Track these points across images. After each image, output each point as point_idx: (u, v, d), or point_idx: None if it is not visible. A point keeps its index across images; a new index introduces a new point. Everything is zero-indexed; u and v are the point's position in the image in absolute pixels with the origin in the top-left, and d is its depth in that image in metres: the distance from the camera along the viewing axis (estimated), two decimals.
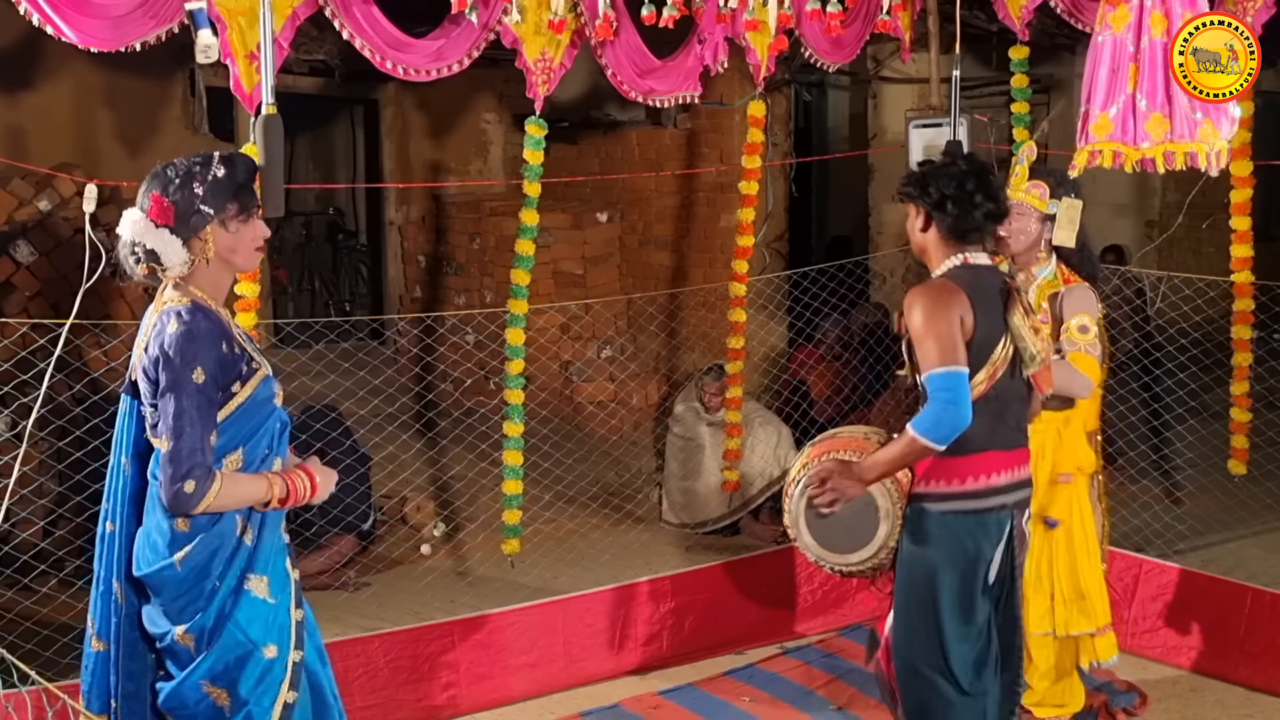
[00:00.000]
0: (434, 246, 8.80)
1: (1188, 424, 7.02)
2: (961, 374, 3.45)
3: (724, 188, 8.09)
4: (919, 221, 3.66)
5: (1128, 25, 4.25)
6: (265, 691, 3.00)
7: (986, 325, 3.54)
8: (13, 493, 4.07)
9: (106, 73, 6.73)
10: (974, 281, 3.58)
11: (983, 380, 3.54)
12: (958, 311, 3.49)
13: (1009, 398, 3.63)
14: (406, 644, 4.81)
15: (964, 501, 3.58)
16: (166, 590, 2.97)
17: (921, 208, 3.64)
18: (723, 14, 5.39)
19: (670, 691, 5.05)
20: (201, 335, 2.90)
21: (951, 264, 3.63)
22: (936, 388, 3.45)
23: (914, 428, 3.46)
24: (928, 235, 3.66)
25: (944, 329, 3.46)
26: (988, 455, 3.59)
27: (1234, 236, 5.71)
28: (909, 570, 3.65)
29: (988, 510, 3.60)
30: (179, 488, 2.85)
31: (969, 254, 3.63)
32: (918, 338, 3.51)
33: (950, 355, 3.45)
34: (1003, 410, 3.61)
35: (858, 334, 7.78)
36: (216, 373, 2.91)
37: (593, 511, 7.02)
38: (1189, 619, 5.20)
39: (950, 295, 3.53)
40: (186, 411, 2.86)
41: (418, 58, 4.77)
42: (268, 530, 3.06)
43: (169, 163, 3.01)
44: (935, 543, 3.59)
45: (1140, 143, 4.26)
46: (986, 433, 3.56)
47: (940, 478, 3.58)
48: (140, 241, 2.96)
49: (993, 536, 3.62)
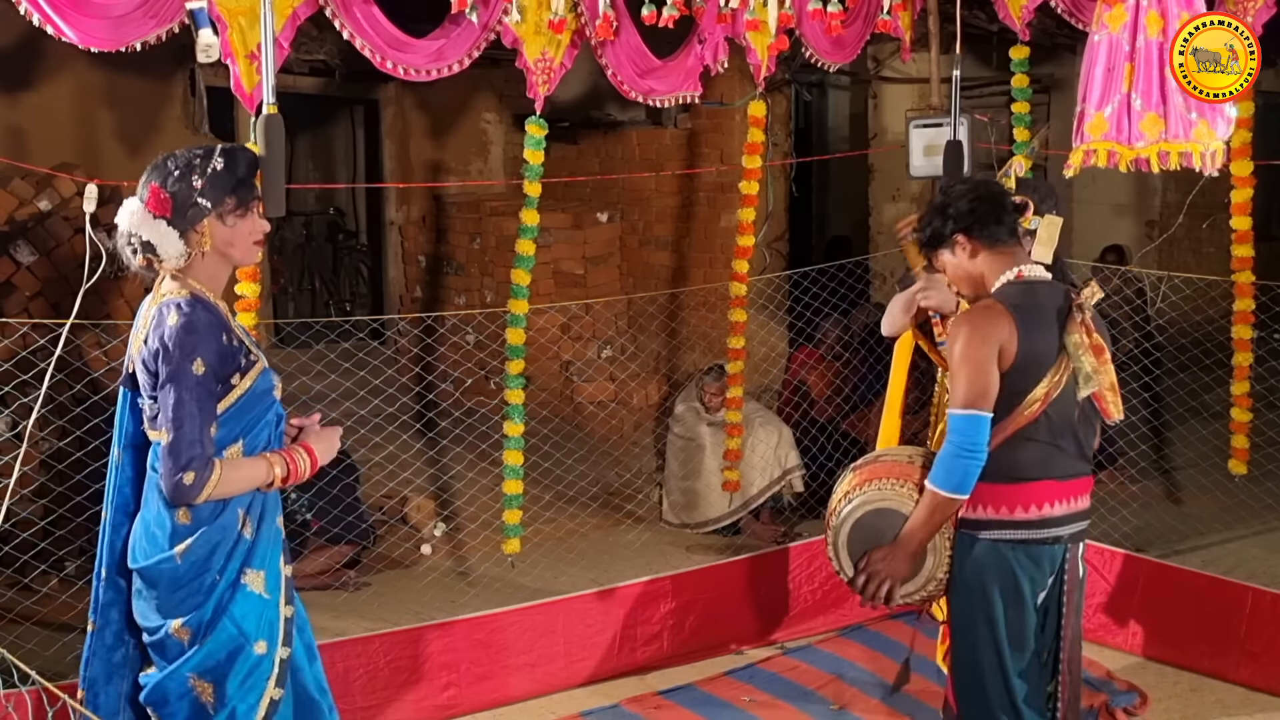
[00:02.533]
0: (434, 246, 8.80)
1: (1188, 424, 7.03)
2: (983, 420, 3.29)
3: (724, 188, 8.09)
4: (965, 250, 3.47)
5: (1124, 25, 4.25)
6: (252, 687, 3.00)
7: (1036, 344, 3.35)
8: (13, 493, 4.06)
9: (106, 73, 6.73)
10: (1026, 300, 3.40)
11: (1038, 400, 3.35)
12: (996, 341, 3.32)
13: (1069, 422, 3.42)
14: (406, 644, 4.81)
15: (1015, 531, 3.39)
16: (164, 584, 2.97)
17: (959, 235, 3.47)
18: (723, 14, 5.39)
19: (670, 691, 5.05)
20: (201, 327, 2.90)
21: (1006, 278, 3.45)
22: (955, 429, 3.31)
23: (931, 483, 3.34)
24: (978, 260, 3.47)
25: (976, 366, 3.30)
26: (1042, 484, 3.39)
27: (1234, 236, 5.71)
28: (963, 602, 3.47)
29: (1040, 542, 3.40)
30: (179, 479, 2.85)
31: (1022, 265, 3.47)
32: (953, 367, 3.36)
33: (976, 398, 3.29)
34: (1060, 436, 3.40)
35: (858, 334, 7.77)
36: (216, 364, 2.91)
37: (593, 511, 7.02)
38: (1189, 619, 5.20)
39: (992, 325, 3.34)
40: (186, 403, 2.86)
41: (418, 58, 4.77)
42: (266, 524, 3.06)
43: (170, 154, 3.01)
44: (985, 571, 3.41)
45: (1135, 142, 4.26)
46: (1042, 460, 3.39)
47: (990, 504, 3.39)
48: (137, 232, 2.96)
49: (1045, 569, 3.43)
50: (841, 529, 3.54)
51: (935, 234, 3.52)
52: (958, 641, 3.53)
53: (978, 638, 3.44)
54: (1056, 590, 3.47)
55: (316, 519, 6.05)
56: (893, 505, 3.48)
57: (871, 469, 3.61)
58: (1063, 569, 3.46)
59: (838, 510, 3.57)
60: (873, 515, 3.50)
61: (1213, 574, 5.47)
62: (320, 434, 3.17)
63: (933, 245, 3.54)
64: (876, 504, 3.50)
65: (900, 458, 3.63)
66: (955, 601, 3.51)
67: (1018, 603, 3.41)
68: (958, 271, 3.53)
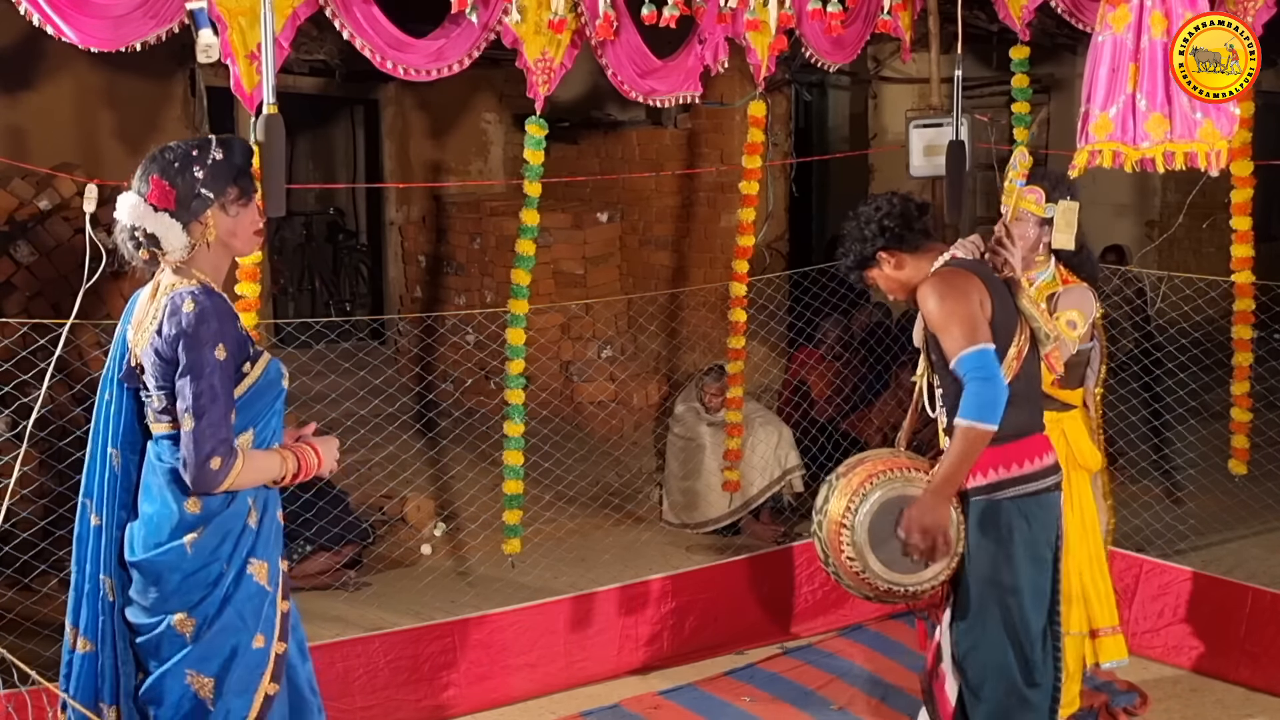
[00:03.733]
0: (434, 246, 8.80)
1: (1188, 424, 7.02)
2: (990, 350, 3.42)
3: (724, 188, 8.09)
4: (891, 264, 3.66)
5: (1128, 25, 4.25)
6: (248, 682, 3.00)
7: (1002, 309, 3.54)
8: (13, 493, 4.06)
9: (106, 73, 6.73)
10: (977, 268, 3.59)
11: (1012, 362, 3.53)
12: (975, 294, 3.48)
13: (1036, 379, 3.66)
14: (406, 644, 4.81)
15: (1027, 485, 3.54)
16: (168, 575, 2.94)
17: (881, 252, 3.65)
18: (723, 14, 5.39)
19: (670, 691, 5.05)
20: (220, 314, 2.92)
21: (944, 258, 3.63)
22: (969, 368, 3.41)
23: (964, 417, 3.40)
24: (905, 268, 3.65)
25: (965, 310, 3.44)
26: (1036, 438, 3.61)
27: (1234, 236, 5.71)
28: (988, 568, 3.53)
29: (1047, 490, 3.59)
30: (205, 466, 2.85)
31: (945, 254, 3.63)
32: (939, 325, 3.46)
33: (976, 334, 3.43)
34: (1032, 393, 3.63)
35: (858, 334, 7.78)
36: (235, 351, 2.93)
37: (593, 511, 7.02)
38: (1189, 619, 5.20)
39: (964, 279, 3.51)
40: (209, 389, 2.86)
41: (418, 58, 4.77)
42: (269, 516, 3.07)
43: (166, 146, 3.00)
44: (1014, 532, 3.51)
45: (1140, 143, 4.25)
46: (1028, 416, 3.59)
47: (1003, 464, 3.52)
48: (140, 225, 2.95)
49: (1054, 517, 3.62)
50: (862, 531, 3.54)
51: (860, 258, 3.70)
52: (970, 605, 3.57)
53: (995, 596, 3.52)
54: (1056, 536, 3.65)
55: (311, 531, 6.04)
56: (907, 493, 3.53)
57: (872, 465, 3.62)
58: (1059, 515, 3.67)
59: (851, 508, 3.55)
60: (887, 507, 3.54)
61: (1213, 574, 5.47)
62: (324, 440, 3.17)
63: (861, 268, 3.73)
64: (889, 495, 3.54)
65: (883, 454, 3.72)
66: (976, 568, 3.54)
67: (1041, 558, 3.56)
68: (890, 283, 3.71)
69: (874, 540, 3.54)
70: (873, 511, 3.54)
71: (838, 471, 3.70)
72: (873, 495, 3.55)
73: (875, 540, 3.54)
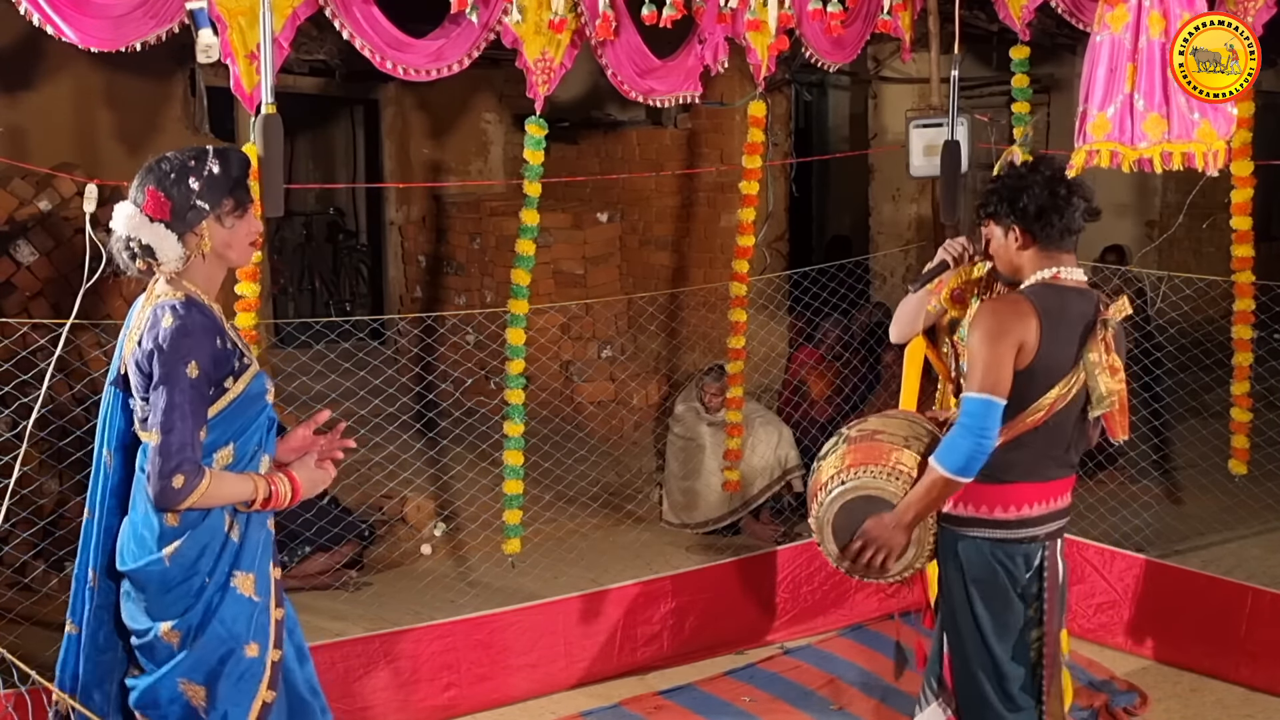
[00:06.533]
0: (434, 246, 8.80)
1: (1188, 424, 7.02)
2: (997, 406, 3.28)
3: (724, 188, 8.09)
4: (1015, 240, 3.46)
5: (1126, 25, 4.25)
6: (244, 691, 3.00)
7: (1055, 353, 3.36)
8: (13, 493, 4.06)
9: (106, 73, 6.72)
10: (1055, 304, 3.39)
11: (1043, 409, 3.36)
12: (1018, 336, 3.32)
13: (1065, 431, 3.45)
14: (406, 644, 4.81)
15: (994, 530, 3.44)
16: (153, 586, 2.96)
17: (1015, 225, 3.44)
18: (723, 14, 5.39)
19: (670, 691, 5.05)
20: (196, 330, 2.90)
21: (1040, 277, 3.45)
22: (967, 412, 3.31)
23: (936, 460, 3.32)
24: (1025, 253, 3.46)
25: (996, 355, 3.30)
26: (1023, 486, 3.43)
27: (1234, 236, 5.71)
28: (950, 596, 3.53)
29: (1017, 541, 3.44)
30: (167, 482, 2.84)
31: (1062, 267, 3.45)
32: (971, 354, 3.37)
33: (992, 384, 3.29)
34: (1054, 442, 3.44)
35: (858, 334, 7.78)
36: (209, 368, 2.90)
37: (593, 511, 7.02)
38: (1189, 619, 5.20)
39: (1017, 319, 3.34)
40: (178, 406, 2.85)
41: (418, 58, 4.77)
42: (253, 527, 3.06)
43: (162, 156, 3.00)
44: (966, 566, 3.47)
45: (1138, 143, 4.26)
46: (1030, 463, 3.43)
47: (970, 503, 3.44)
48: (136, 236, 2.95)
49: (1021, 566, 3.46)
50: (829, 508, 3.49)
51: (995, 212, 3.50)
52: (949, 633, 3.57)
53: (966, 630, 3.50)
54: (1037, 586, 3.49)
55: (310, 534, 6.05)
56: (883, 496, 3.44)
57: (866, 449, 3.54)
58: (1042, 566, 3.48)
59: (827, 487, 3.51)
60: (862, 501, 3.46)
61: (1213, 574, 5.47)
62: (310, 466, 3.15)
63: (990, 216, 3.52)
64: (869, 491, 3.45)
65: (896, 439, 3.54)
66: (943, 596, 3.56)
67: (1001, 596, 3.46)
68: (1001, 251, 3.52)
69: (836, 528, 3.49)
70: (843, 500, 3.47)
71: (848, 435, 3.62)
72: (850, 483, 3.46)
73: (837, 528, 3.49)
